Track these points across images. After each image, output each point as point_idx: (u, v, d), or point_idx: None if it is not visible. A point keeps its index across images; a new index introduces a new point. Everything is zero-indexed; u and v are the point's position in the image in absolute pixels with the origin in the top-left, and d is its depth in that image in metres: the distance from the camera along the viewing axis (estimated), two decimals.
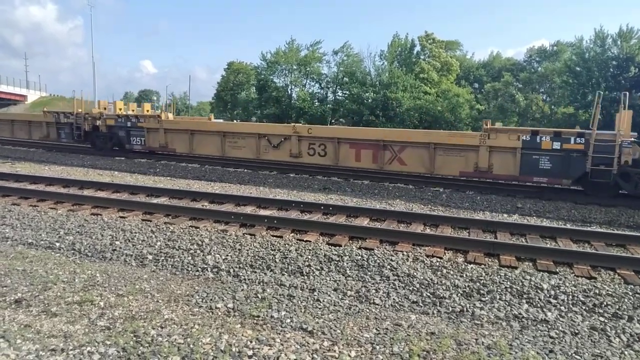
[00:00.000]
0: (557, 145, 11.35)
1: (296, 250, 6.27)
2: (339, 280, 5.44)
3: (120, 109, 19.16)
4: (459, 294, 5.11)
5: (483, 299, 5.01)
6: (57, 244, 6.56)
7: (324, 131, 15.26)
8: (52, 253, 6.26)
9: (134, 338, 3.75)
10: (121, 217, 7.91)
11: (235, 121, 31.62)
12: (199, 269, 5.76)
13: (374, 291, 5.16)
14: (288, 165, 15.24)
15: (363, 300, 4.96)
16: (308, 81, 49.94)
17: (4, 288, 4.74)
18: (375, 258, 5.95)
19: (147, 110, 19.71)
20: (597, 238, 7.27)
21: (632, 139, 10.87)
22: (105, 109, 19.55)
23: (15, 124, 22.09)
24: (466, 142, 12.48)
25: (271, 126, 17.57)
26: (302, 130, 14.75)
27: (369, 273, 5.61)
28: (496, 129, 12.25)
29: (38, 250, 6.37)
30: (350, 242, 6.74)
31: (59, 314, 4.19)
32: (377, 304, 4.87)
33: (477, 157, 12.25)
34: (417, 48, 50.32)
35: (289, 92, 49.10)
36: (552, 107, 45.58)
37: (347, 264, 5.85)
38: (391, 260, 5.90)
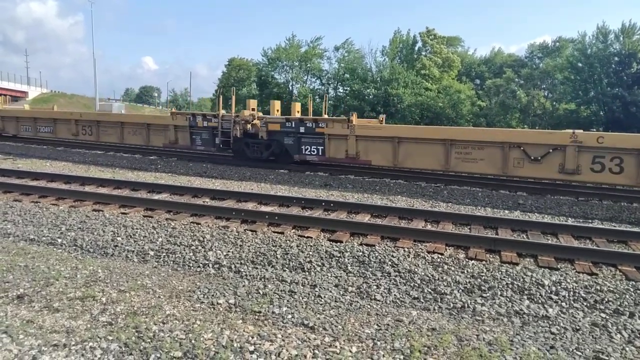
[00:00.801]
0: None
1: (297, 246, 6.28)
2: (340, 276, 5.44)
3: (254, 109, 16.22)
4: (460, 290, 5.11)
5: (484, 295, 5.01)
6: (59, 240, 6.58)
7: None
8: (54, 249, 6.28)
9: (136, 333, 3.76)
10: (123, 213, 7.92)
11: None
12: (201, 264, 5.77)
13: (375, 287, 5.17)
14: None
15: (364, 296, 4.96)
16: (309, 77, 49.90)
17: (6, 284, 4.75)
18: (377, 254, 5.96)
19: (277, 110, 16.96)
20: (598, 234, 7.27)
21: None
22: (254, 109, 16.16)
23: (126, 127, 18.56)
24: None
25: (509, 132, 13.42)
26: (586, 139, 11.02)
27: (370, 269, 5.62)
28: None
29: (40, 246, 6.38)
30: (352, 238, 6.74)
31: (61, 309, 4.20)
32: (378, 300, 4.88)
33: None
34: (419, 44, 50.27)
35: (290, 88, 49.06)
36: (554, 103, 45.49)
37: (348, 260, 5.85)
38: (392, 256, 5.91)
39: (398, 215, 8.24)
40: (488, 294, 5.01)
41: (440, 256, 5.99)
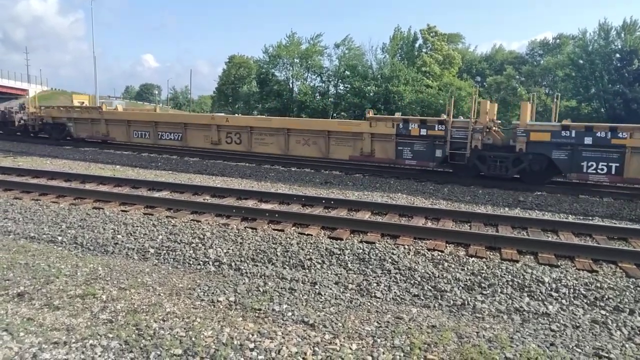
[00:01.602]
0: None
1: (297, 243, 6.28)
2: (340, 274, 5.45)
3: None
4: (460, 288, 5.11)
5: (484, 292, 5.01)
6: (59, 238, 6.58)
7: None
8: (55, 247, 6.28)
9: (136, 331, 3.76)
10: (123, 210, 7.93)
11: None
12: (201, 262, 5.78)
13: (375, 284, 5.17)
14: None
15: (364, 294, 4.97)
16: (309, 75, 49.84)
17: (7, 281, 4.75)
18: (377, 252, 5.96)
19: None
20: (598, 231, 7.26)
21: None
22: (487, 112, 12.66)
23: (293, 135, 14.93)
24: None
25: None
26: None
27: (370, 266, 5.62)
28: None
29: (40, 243, 6.38)
30: (352, 235, 6.74)
31: (62, 307, 4.20)
32: (379, 297, 4.88)
33: None
34: (419, 41, 50.14)
35: (290, 85, 49.00)
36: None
37: (348, 257, 5.85)
38: (392, 253, 5.91)
39: (398, 212, 8.24)
40: (488, 291, 5.01)
41: (440, 253, 5.99)
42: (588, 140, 11.27)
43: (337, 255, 5.91)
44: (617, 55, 40.57)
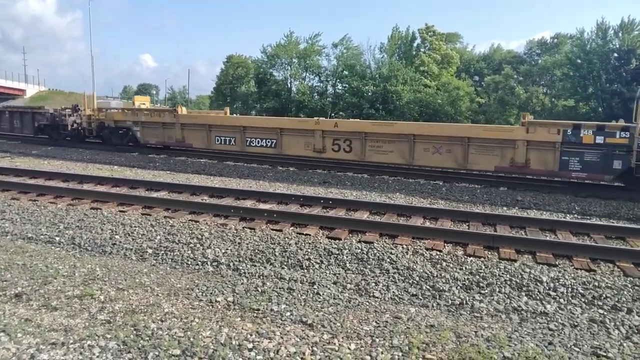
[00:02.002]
0: None
1: (296, 243, 6.28)
2: (339, 274, 5.45)
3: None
4: (459, 287, 5.11)
5: (482, 291, 5.01)
6: (57, 238, 6.57)
7: None
8: (52, 247, 6.27)
9: (134, 332, 3.76)
10: (121, 211, 7.91)
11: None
12: (199, 262, 5.77)
13: (373, 284, 5.17)
14: None
15: (363, 294, 4.97)
16: (307, 74, 49.83)
17: (4, 282, 4.74)
18: (375, 251, 5.96)
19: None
20: (596, 231, 7.28)
21: None
22: None
23: (420, 142, 13.21)
24: None
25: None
26: None
27: (369, 266, 5.62)
28: None
29: (38, 244, 6.37)
30: (350, 235, 6.74)
31: (59, 307, 4.20)
32: (377, 297, 4.88)
33: None
34: (417, 41, 50.16)
35: (289, 85, 48.98)
36: (553, 99, 45.48)
37: (346, 257, 5.85)
38: (391, 253, 5.91)
39: (397, 212, 8.24)
40: (486, 291, 5.02)
41: (438, 253, 5.99)
42: None
43: (335, 255, 5.91)
44: (615, 54, 40.64)
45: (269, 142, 15.31)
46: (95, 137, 19.53)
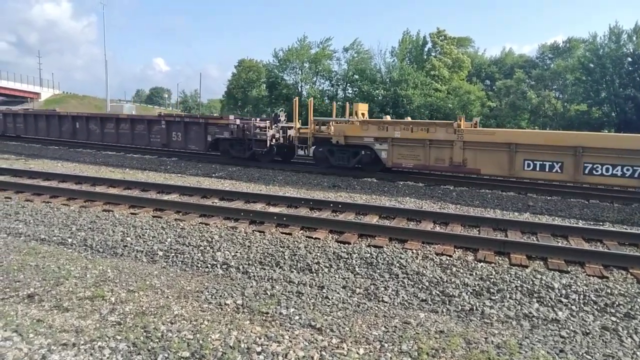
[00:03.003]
0: None
1: (305, 247, 6.28)
2: (348, 278, 5.44)
3: None
4: (469, 293, 5.08)
5: (493, 297, 4.97)
6: (69, 240, 6.64)
7: None
8: (64, 249, 6.34)
9: (144, 333, 3.78)
10: (132, 213, 7.98)
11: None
12: (209, 265, 5.79)
13: (382, 289, 5.15)
14: None
15: (372, 298, 4.95)
16: (318, 78, 49.98)
17: (17, 283, 4.81)
18: (385, 256, 5.94)
19: None
20: (609, 237, 7.18)
21: None
22: None
23: None
24: None
25: None
26: None
27: (378, 271, 5.60)
28: None
29: (50, 245, 6.45)
30: (360, 239, 6.73)
31: (71, 309, 4.24)
32: (386, 302, 4.87)
33: None
34: (429, 45, 50.10)
35: (299, 89, 49.16)
36: (565, 104, 45.04)
37: (356, 261, 5.84)
38: (400, 258, 5.88)
39: (406, 216, 8.21)
40: (497, 297, 4.97)
41: (448, 258, 5.96)
42: None
43: (344, 259, 5.90)
44: (629, 59, 40.21)
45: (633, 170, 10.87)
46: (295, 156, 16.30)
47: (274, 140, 15.60)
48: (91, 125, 19.81)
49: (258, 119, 16.57)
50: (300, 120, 15.95)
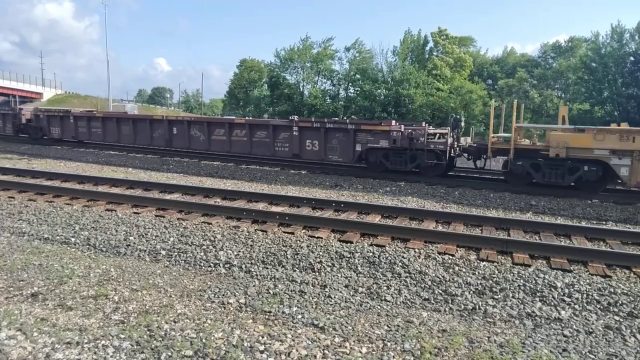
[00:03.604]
0: None
1: (308, 246, 6.28)
2: (350, 277, 5.44)
3: None
4: (471, 292, 5.07)
5: (496, 296, 4.97)
6: (73, 239, 6.66)
7: None
8: (68, 248, 6.36)
9: (148, 332, 3.80)
10: (135, 212, 8.00)
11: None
12: (212, 264, 5.81)
13: (385, 288, 5.15)
14: None
15: (374, 297, 4.95)
16: (320, 78, 49.98)
17: (21, 282, 4.82)
18: (387, 255, 5.94)
19: None
20: (612, 236, 7.17)
21: None
22: None
23: None
24: None
25: None
26: None
27: (381, 270, 5.60)
28: None
29: (54, 245, 6.46)
30: (362, 239, 6.73)
31: (74, 307, 4.25)
32: (389, 301, 4.87)
33: None
34: (430, 44, 50.02)
35: (301, 89, 49.16)
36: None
37: (358, 260, 5.85)
38: (403, 257, 5.88)
39: (409, 216, 8.21)
40: (499, 296, 4.97)
41: (451, 257, 5.95)
42: None
43: (347, 259, 5.90)
44: (631, 58, 40.09)
45: None
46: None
47: (452, 151, 12.90)
48: (194, 131, 16.63)
49: (427, 124, 13.70)
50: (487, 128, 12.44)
